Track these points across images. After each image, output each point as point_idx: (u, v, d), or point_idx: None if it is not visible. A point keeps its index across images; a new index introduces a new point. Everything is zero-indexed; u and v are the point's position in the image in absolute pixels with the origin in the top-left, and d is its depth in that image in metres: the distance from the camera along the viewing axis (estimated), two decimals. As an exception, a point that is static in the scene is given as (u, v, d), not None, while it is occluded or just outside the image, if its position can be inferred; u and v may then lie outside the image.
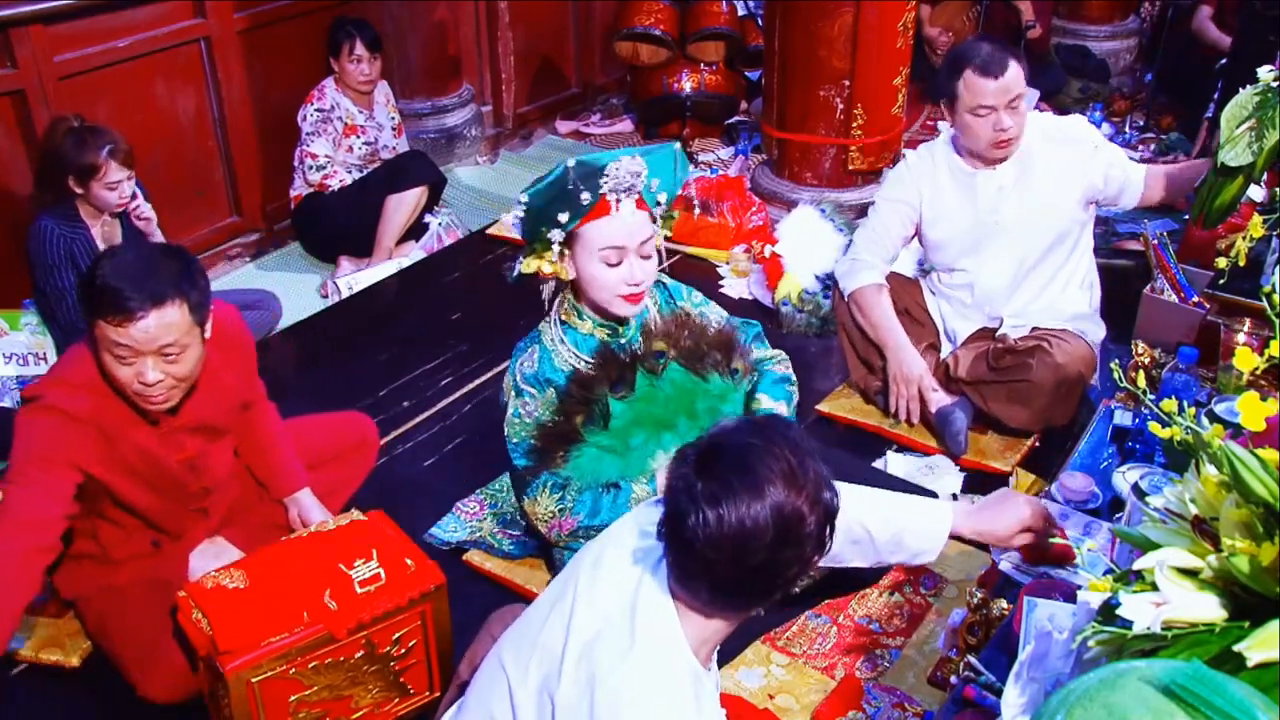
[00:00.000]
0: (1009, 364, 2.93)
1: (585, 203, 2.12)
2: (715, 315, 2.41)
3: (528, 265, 2.23)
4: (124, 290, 1.96)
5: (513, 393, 2.27)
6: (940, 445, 2.99)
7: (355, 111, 4.20)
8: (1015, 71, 2.77)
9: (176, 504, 2.29)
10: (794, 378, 2.48)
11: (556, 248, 2.19)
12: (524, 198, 2.15)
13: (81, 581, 2.31)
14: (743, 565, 1.37)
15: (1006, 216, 2.93)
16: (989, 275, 3.01)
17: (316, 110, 4.10)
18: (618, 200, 2.13)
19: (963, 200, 2.98)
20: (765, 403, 2.38)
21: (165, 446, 2.20)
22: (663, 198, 2.23)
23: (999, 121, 2.78)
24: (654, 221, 2.23)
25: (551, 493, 2.20)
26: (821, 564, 1.55)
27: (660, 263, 2.27)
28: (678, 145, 2.23)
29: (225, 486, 2.41)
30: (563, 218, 2.13)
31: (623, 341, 2.28)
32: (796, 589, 1.61)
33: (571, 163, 2.11)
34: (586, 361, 2.26)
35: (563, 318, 2.30)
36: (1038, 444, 3.00)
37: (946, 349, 3.13)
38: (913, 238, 3.12)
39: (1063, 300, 3.01)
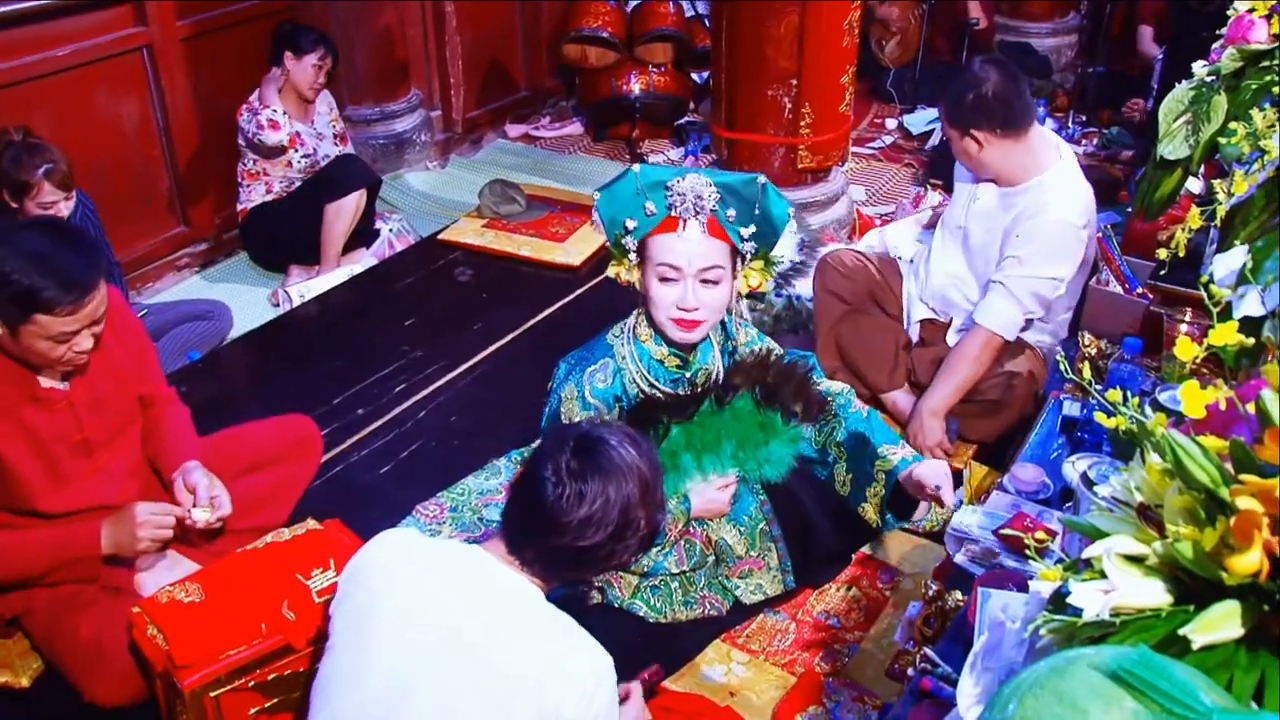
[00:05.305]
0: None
1: (651, 214, 2.14)
2: (780, 353, 2.42)
3: (611, 267, 2.27)
4: (71, 280, 2.00)
5: (576, 403, 2.26)
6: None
7: (293, 122, 4.08)
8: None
9: (75, 487, 2.22)
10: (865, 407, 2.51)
11: (633, 256, 2.22)
12: (595, 197, 2.17)
13: (21, 598, 2.25)
14: (579, 540, 1.59)
15: (971, 229, 2.94)
16: (937, 268, 3.04)
17: (252, 115, 3.97)
18: (684, 220, 2.13)
19: (956, 193, 3.03)
20: (893, 454, 2.37)
21: (60, 424, 2.19)
22: (746, 232, 2.18)
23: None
24: (737, 255, 2.21)
25: None
26: None
27: (736, 300, 2.27)
28: (763, 178, 2.17)
29: (126, 483, 2.33)
30: (631, 224, 2.16)
31: (689, 374, 2.28)
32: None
33: (637, 168, 2.12)
34: (651, 383, 2.28)
35: (638, 334, 2.31)
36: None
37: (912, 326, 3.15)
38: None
39: None
